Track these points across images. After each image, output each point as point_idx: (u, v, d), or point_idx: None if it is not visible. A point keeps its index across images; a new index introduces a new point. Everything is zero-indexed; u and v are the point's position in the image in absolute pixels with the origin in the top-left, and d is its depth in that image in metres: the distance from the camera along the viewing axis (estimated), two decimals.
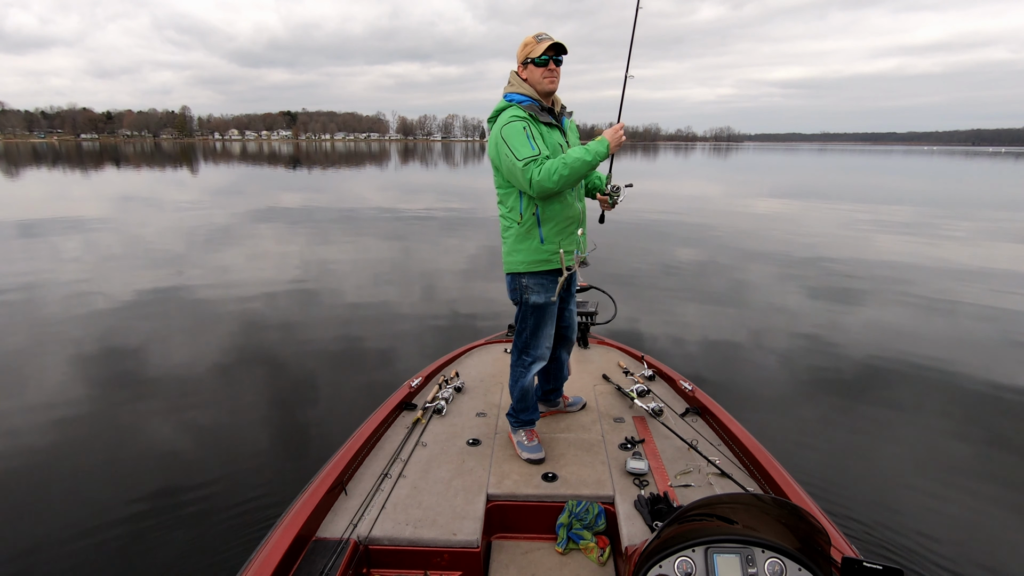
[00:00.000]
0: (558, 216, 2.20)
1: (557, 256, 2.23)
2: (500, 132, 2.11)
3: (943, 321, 5.91)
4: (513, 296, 2.37)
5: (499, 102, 2.24)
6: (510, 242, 2.27)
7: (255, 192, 19.23)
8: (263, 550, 1.69)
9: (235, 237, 10.49)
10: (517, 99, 2.18)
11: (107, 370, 4.56)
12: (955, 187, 25.06)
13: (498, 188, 2.28)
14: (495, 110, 2.24)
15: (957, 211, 15.07)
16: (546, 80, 2.16)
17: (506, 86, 2.26)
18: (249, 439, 3.56)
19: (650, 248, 9.58)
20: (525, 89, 2.19)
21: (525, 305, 2.33)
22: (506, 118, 2.13)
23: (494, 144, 2.16)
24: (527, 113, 2.14)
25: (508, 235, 2.28)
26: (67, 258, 8.56)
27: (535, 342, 2.39)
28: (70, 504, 2.90)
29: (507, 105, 2.19)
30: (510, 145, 2.07)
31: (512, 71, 2.26)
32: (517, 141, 2.06)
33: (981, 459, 3.36)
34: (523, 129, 2.09)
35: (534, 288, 2.28)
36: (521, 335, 2.41)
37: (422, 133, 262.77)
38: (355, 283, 7.27)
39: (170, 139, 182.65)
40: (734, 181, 27.68)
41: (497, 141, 2.13)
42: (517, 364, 2.45)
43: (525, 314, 2.36)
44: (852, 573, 1.26)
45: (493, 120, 2.25)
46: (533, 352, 2.41)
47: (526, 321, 2.37)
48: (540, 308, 2.32)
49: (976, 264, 8.63)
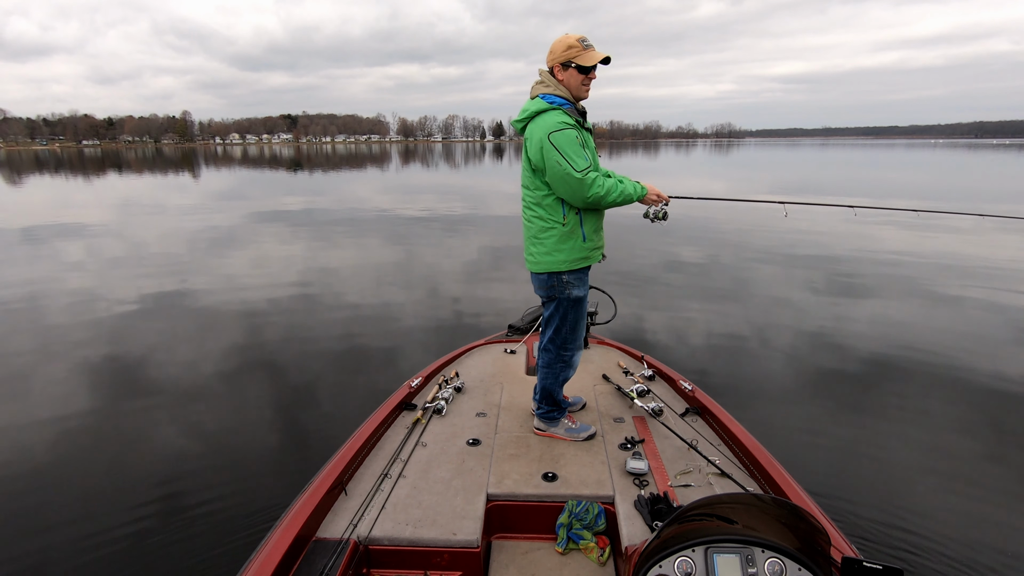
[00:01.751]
0: (595, 216, 2.29)
1: (595, 252, 2.33)
2: (550, 137, 2.06)
3: (947, 315, 5.89)
4: (549, 293, 2.36)
5: (534, 101, 2.18)
6: (551, 242, 2.24)
7: (257, 196, 19.31)
8: (263, 550, 1.69)
9: (237, 241, 10.53)
10: (558, 101, 2.14)
11: (111, 374, 4.57)
12: (959, 179, 24.95)
13: (535, 190, 2.23)
14: (532, 110, 2.17)
15: (961, 204, 14.99)
16: (584, 88, 2.16)
17: (538, 85, 2.19)
18: (250, 440, 3.57)
19: (650, 246, 9.56)
20: (562, 91, 2.15)
21: (566, 301, 2.34)
22: (554, 123, 2.07)
23: (539, 147, 2.10)
24: (574, 119, 2.11)
25: (547, 236, 2.24)
26: (70, 264, 8.60)
27: (575, 335, 2.43)
28: (73, 506, 2.90)
29: (547, 107, 2.13)
30: (564, 154, 2.04)
31: (543, 69, 2.20)
32: (572, 151, 2.05)
33: (983, 457, 3.33)
34: (575, 138, 2.07)
35: (574, 283, 2.31)
36: (560, 331, 2.41)
37: (422, 134, 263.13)
38: (356, 284, 7.28)
39: (171, 144, 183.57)
40: (735, 177, 27.64)
41: (545, 146, 2.07)
42: (557, 361, 2.47)
43: (565, 310, 2.37)
44: (852, 573, 1.25)
45: (525, 120, 2.19)
46: (573, 345, 2.45)
47: (566, 317, 2.38)
48: (580, 301, 2.37)
49: (981, 257, 8.60)
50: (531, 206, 2.27)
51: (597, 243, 2.32)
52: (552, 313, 2.40)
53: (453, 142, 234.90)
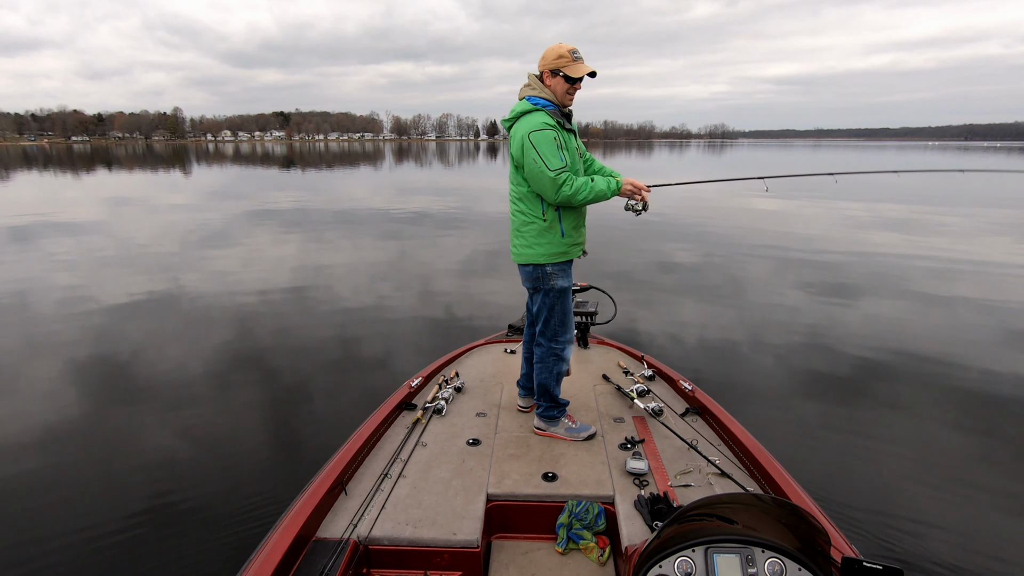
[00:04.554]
0: (574, 213, 2.38)
1: (575, 248, 2.42)
2: (529, 136, 2.18)
3: (943, 315, 5.92)
4: (534, 284, 2.46)
5: (520, 103, 2.31)
6: (531, 236, 2.36)
7: (249, 193, 19.14)
8: (263, 550, 1.69)
9: (230, 240, 10.43)
10: (542, 103, 2.27)
11: (103, 375, 4.52)
12: (954, 184, 25.19)
13: (518, 186, 2.36)
14: (518, 110, 2.30)
15: (953, 209, 15.13)
16: (568, 97, 2.31)
17: (525, 88, 2.32)
18: (250, 440, 3.55)
19: (647, 247, 9.58)
20: (547, 95, 2.28)
21: (551, 292, 2.43)
22: (536, 123, 2.20)
23: (519, 145, 2.23)
24: (555, 120, 2.24)
25: (527, 229, 2.36)
26: (59, 262, 8.49)
27: (564, 325, 2.51)
28: (65, 510, 2.87)
29: (532, 108, 2.26)
30: (540, 153, 2.17)
31: (531, 74, 2.33)
32: (548, 150, 2.17)
33: (982, 456, 3.34)
34: (553, 139, 2.19)
35: (558, 274, 2.41)
36: (549, 323, 2.49)
37: (416, 133, 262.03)
38: (353, 284, 7.25)
39: (162, 141, 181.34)
40: (728, 176, 27.65)
41: (525, 144, 2.20)
42: (549, 355, 2.52)
43: (552, 301, 2.46)
44: (852, 573, 1.26)
45: (513, 120, 2.31)
46: (564, 336, 2.52)
47: (553, 308, 2.47)
48: (565, 291, 2.46)
49: (973, 258, 8.67)
50: (515, 200, 2.40)
51: (576, 239, 2.41)
52: (540, 305, 2.49)
53: (447, 141, 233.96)
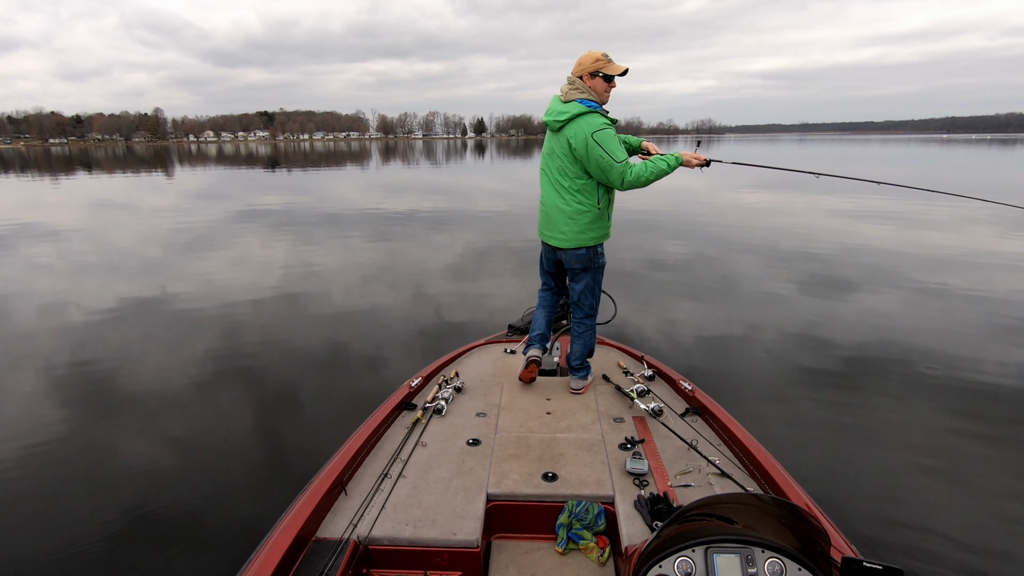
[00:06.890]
0: (614, 201, 2.86)
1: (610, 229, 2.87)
2: (593, 136, 2.52)
3: (941, 309, 5.92)
4: (584, 265, 2.85)
5: (573, 104, 2.60)
6: (585, 222, 2.73)
7: (234, 195, 18.92)
8: (263, 550, 1.68)
9: (216, 242, 10.29)
10: (593, 105, 2.60)
11: (90, 382, 4.44)
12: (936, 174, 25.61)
13: (576, 179, 2.68)
14: (575, 111, 2.59)
15: (933, 201, 15.39)
16: (606, 94, 2.66)
17: (574, 91, 2.62)
18: (250, 440, 3.53)
19: (641, 244, 9.54)
20: (592, 96, 2.62)
21: (599, 269, 2.90)
22: (597, 124, 2.54)
23: (584, 144, 2.54)
24: (611, 120, 2.58)
25: (582, 217, 2.73)
26: (38, 267, 8.33)
27: (598, 299, 2.98)
28: (74, 508, 2.85)
29: (587, 110, 2.57)
30: (607, 149, 2.51)
31: (575, 77, 2.63)
32: (612, 146, 2.53)
33: (982, 455, 3.31)
34: (615, 136, 2.57)
35: (602, 253, 2.88)
36: (595, 295, 2.94)
37: (403, 131, 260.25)
38: (345, 287, 7.18)
39: (143, 142, 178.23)
40: (717, 173, 27.90)
41: (589, 143, 2.53)
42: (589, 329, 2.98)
43: (599, 276, 2.92)
44: (852, 573, 1.26)
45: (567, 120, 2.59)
46: (597, 307, 2.99)
47: (598, 282, 2.93)
48: (604, 266, 2.93)
49: (963, 249, 8.75)
50: (572, 192, 2.71)
51: (610, 223, 2.87)
52: (587, 283, 2.90)
53: (434, 139, 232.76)
